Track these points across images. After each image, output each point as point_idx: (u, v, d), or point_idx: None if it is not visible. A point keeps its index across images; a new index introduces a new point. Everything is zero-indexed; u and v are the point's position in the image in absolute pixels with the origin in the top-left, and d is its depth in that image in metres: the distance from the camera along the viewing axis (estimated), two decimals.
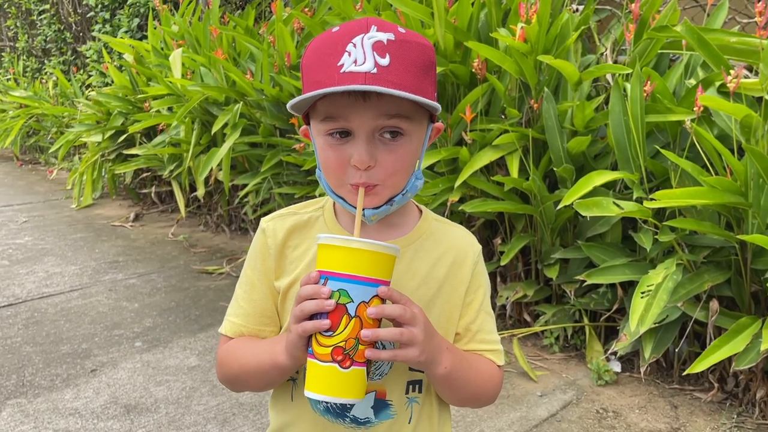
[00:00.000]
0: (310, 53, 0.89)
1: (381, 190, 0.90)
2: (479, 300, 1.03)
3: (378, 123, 0.86)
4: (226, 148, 3.72)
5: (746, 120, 1.95)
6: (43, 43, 9.09)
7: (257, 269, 1.03)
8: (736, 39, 2.17)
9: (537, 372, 2.54)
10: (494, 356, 1.03)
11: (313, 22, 3.44)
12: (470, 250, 1.04)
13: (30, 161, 8.84)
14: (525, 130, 2.59)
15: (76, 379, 2.51)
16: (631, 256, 2.45)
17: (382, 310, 0.82)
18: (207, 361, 2.66)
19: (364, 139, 0.86)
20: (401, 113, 0.86)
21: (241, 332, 1.03)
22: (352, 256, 0.81)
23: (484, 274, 1.05)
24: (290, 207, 1.06)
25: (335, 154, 0.88)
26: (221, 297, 3.42)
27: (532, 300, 2.78)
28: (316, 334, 0.82)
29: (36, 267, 3.94)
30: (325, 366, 0.81)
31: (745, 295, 2.20)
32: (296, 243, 1.01)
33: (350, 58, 0.82)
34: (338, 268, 0.81)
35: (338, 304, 0.81)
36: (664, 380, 2.48)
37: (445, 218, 1.08)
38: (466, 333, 1.03)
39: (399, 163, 0.89)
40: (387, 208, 0.93)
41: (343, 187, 0.91)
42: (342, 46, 0.83)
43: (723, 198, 1.98)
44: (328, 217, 1.02)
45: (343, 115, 0.85)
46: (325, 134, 0.89)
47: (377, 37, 0.83)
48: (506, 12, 2.90)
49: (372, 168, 0.87)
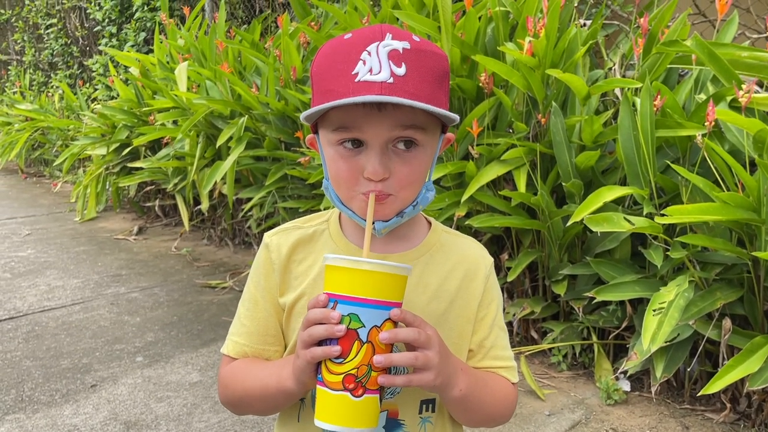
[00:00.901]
0: (321, 60, 0.85)
1: (392, 201, 0.87)
2: (492, 315, 1.00)
3: (393, 134, 0.83)
4: (230, 161, 3.71)
5: (760, 135, 1.92)
6: (49, 56, 9.15)
7: (261, 286, 0.99)
8: (747, 54, 2.14)
9: (545, 390, 2.50)
10: (508, 374, 1.00)
11: (319, 36, 3.43)
12: (482, 262, 1.00)
13: (35, 174, 8.85)
14: (533, 144, 2.57)
15: (75, 394, 2.47)
16: (640, 273, 2.41)
17: (395, 335, 0.78)
18: (209, 377, 2.62)
19: (378, 150, 0.83)
20: (416, 124, 0.83)
21: (245, 352, 0.99)
22: (362, 279, 0.76)
23: (496, 287, 1.02)
24: (294, 221, 1.03)
25: (347, 165, 0.85)
26: (224, 312, 3.38)
27: (539, 317, 2.74)
28: (326, 361, 0.78)
29: (38, 280, 3.91)
30: (336, 395, 0.77)
31: (758, 314, 2.15)
32: (301, 257, 0.98)
33: (365, 67, 0.79)
34: (348, 291, 0.77)
35: (349, 329, 0.76)
36: (674, 400, 2.42)
37: (455, 230, 1.05)
38: (480, 349, 0.99)
39: (414, 175, 0.86)
40: (397, 220, 0.90)
41: (354, 199, 0.88)
42: (356, 54, 0.80)
43: (736, 214, 1.95)
44: (334, 230, 0.99)
45: (356, 125, 0.82)
46: (336, 144, 0.85)
47: (392, 46, 0.80)
48: (513, 26, 2.89)
49: (386, 179, 0.84)
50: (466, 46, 2.70)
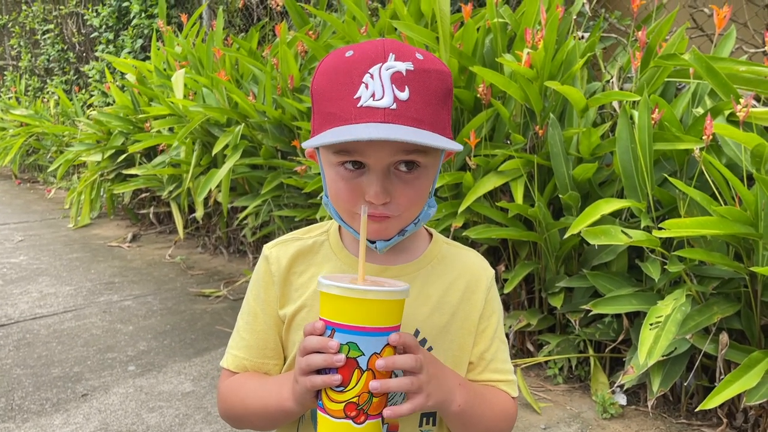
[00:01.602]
0: (321, 78, 0.84)
1: (394, 222, 0.86)
2: (493, 327, 0.99)
3: (395, 158, 0.82)
4: (225, 169, 3.69)
5: (758, 150, 1.92)
6: (46, 62, 9.13)
7: (260, 298, 0.98)
8: (745, 68, 2.14)
9: (541, 404, 2.48)
10: (508, 387, 0.99)
11: (317, 45, 3.43)
12: (483, 274, 1.00)
13: (28, 180, 8.81)
14: (530, 156, 2.56)
15: (66, 403, 2.44)
16: (637, 286, 2.40)
17: (393, 363, 0.77)
18: (202, 387, 2.59)
19: (380, 174, 0.82)
20: (419, 149, 0.82)
21: (244, 366, 0.98)
22: (360, 307, 0.74)
23: (497, 299, 1.01)
24: (293, 232, 1.02)
25: (348, 187, 0.84)
26: (218, 321, 3.36)
27: (535, 329, 2.72)
28: (326, 389, 0.77)
29: (30, 287, 3.88)
30: (338, 422, 0.76)
31: (755, 328, 2.14)
32: (301, 269, 0.97)
33: (368, 91, 0.78)
34: (345, 320, 0.75)
35: (348, 358, 0.75)
36: (671, 414, 2.41)
37: (456, 242, 1.04)
38: (480, 362, 0.98)
39: (415, 197, 0.85)
40: (398, 238, 0.90)
41: (355, 218, 0.86)
42: (358, 77, 0.79)
43: (733, 228, 1.94)
44: (334, 241, 0.98)
45: (358, 150, 0.81)
46: (336, 165, 0.84)
47: (396, 68, 0.79)
48: (511, 38, 2.89)
49: (388, 203, 0.83)
50: (464, 57, 2.70)
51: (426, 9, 2.97)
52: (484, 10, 2.92)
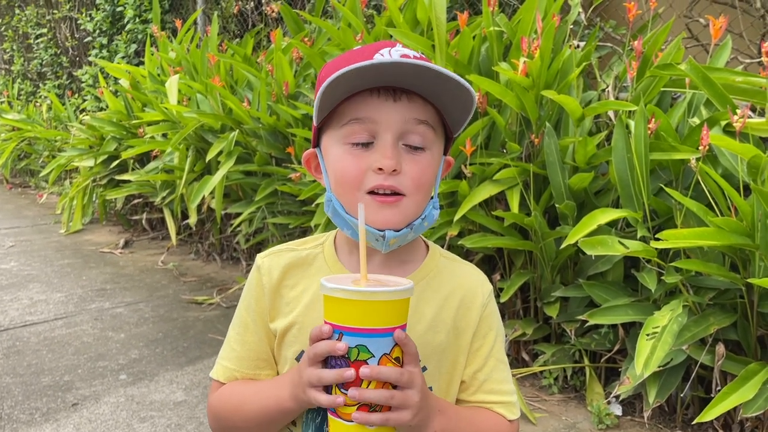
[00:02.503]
0: (329, 64, 0.86)
1: (406, 203, 0.84)
2: (488, 345, 0.95)
3: (406, 127, 0.83)
4: (219, 175, 3.67)
5: (754, 161, 1.92)
6: (38, 66, 9.08)
7: (251, 309, 0.96)
8: (742, 78, 2.15)
9: (536, 414, 2.46)
10: (504, 409, 0.94)
11: (312, 51, 3.42)
12: (479, 290, 0.97)
13: (20, 185, 8.75)
14: (526, 165, 2.55)
15: (56, 413, 2.40)
16: (633, 296, 2.39)
17: (378, 373, 0.74)
18: (194, 396, 2.56)
19: (391, 141, 0.82)
20: (429, 121, 0.84)
21: (234, 377, 0.96)
22: (368, 309, 0.73)
23: (494, 316, 0.97)
24: (288, 243, 1.00)
25: (355, 162, 0.83)
26: (210, 328, 3.33)
27: (530, 339, 2.71)
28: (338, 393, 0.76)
29: (20, 293, 3.83)
30: (351, 425, 0.75)
31: (751, 339, 2.14)
32: (293, 282, 0.95)
33: (381, 58, 0.80)
34: (353, 322, 0.73)
35: (358, 360, 0.74)
36: (666, 425, 2.40)
37: (453, 254, 1.02)
38: (473, 382, 0.95)
39: (424, 176, 0.85)
40: (407, 231, 0.87)
41: (360, 199, 0.84)
42: (369, 54, 0.81)
43: (730, 239, 1.94)
44: (328, 253, 0.96)
45: (370, 115, 0.82)
46: (344, 143, 0.84)
47: (405, 51, 0.82)
48: (507, 46, 2.89)
49: (397, 173, 0.83)
50: (460, 65, 2.70)
51: (422, 17, 2.97)
52: (480, 18, 2.91)
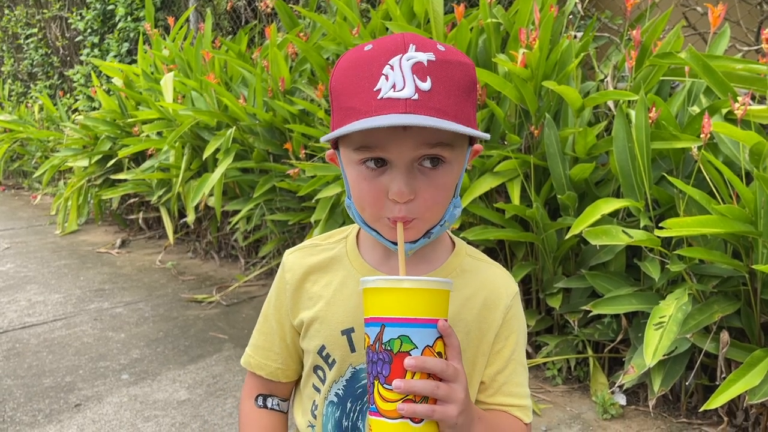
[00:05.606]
0: (340, 74, 0.81)
1: (418, 224, 0.83)
2: (510, 348, 0.95)
3: (419, 152, 0.78)
4: (218, 173, 3.65)
5: (757, 147, 1.92)
6: (29, 67, 9.01)
7: (272, 303, 0.99)
8: (742, 66, 2.14)
9: (540, 405, 2.46)
10: (521, 413, 0.95)
11: (307, 46, 3.39)
12: (504, 292, 0.95)
13: (13, 186, 8.69)
14: (526, 156, 2.55)
15: (59, 414, 2.39)
16: (635, 286, 2.39)
17: (423, 363, 0.73)
18: (197, 395, 2.55)
19: (403, 169, 0.78)
20: (443, 141, 0.78)
21: (249, 363, 1.02)
22: (411, 298, 0.73)
23: (518, 319, 0.96)
24: (314, 238, 1.01)
25: (370, 187, 0.81)
26: (211, 327, 3.31)
27: (533, 330, 2.71)
28: (380, 389, 0.74)
29: (18, 295, 3.81)
30: (394, 423, 0.73)
31: (755, 326, 2.14)
32: (316, 278, 0.96)
33: (388, 83, 0.74)
34: (396, 312, 0.73)
35: (401, 352, 0.72)
36: (671, 414, 2.40)
37: (481, 254, 1.00)
38: (492, 383, 0.94)
39: (439, 196, 0.82)
40: (425, 240, 0.87)
41: (379, 221, 0.84)
42: (378, 69, 0.75)
43: (733, 227, 1.94)
44: (351, 252, 0.95)
45: (380, 144, 0.78)
46: (358, 164, 0.81)
47: (417, 58, 0.75)
48: (504, 38, 2.88)
49: (412, 201, 0.80)
50: None
51: (419, 9, 2.95)
52: (477, 10, 2.90)
